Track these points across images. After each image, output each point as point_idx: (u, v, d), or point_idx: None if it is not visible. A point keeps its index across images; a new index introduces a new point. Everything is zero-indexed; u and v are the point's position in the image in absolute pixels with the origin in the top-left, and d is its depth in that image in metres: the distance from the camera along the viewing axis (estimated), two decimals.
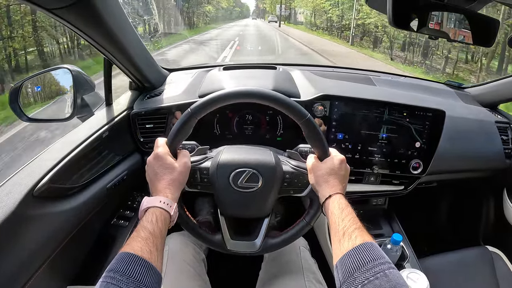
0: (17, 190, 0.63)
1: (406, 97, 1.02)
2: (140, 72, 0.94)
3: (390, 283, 0.45)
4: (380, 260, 0.48)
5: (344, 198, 0.61)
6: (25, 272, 0.63)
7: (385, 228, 1.10)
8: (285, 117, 0.96)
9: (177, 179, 0.62)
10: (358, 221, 0.57)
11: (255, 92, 0.64)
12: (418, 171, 0.95)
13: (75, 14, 0.62)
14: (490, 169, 1.15)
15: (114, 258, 0.48)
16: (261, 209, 0.70)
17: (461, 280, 1.00)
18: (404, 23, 0.73)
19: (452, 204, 1.50)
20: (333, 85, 1.04)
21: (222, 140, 0.98)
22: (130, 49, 0.82)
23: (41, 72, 0.93)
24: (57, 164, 0.70)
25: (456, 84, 1.38)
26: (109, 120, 0.88)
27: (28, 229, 0.63)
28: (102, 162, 0.85)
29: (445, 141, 0.96)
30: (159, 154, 0.62)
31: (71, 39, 7.04)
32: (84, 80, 0.90)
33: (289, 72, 1.08)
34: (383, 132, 0.92)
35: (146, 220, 0.54)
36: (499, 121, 1.15)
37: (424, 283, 0.78)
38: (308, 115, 0.64)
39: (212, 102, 0.63)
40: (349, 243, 0.52)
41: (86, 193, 0.78)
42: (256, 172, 0.67)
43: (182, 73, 1.18)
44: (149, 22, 2.00)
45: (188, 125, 0.64)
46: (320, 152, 0.67)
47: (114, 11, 0.71)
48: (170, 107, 0.93)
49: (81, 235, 0.78)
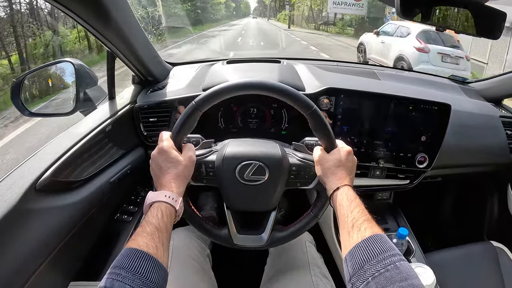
0: (19, 184, 0.62)
1: (411, 91, 1.02)
2: (143, 66, 0.93)
3: (401, 275, 0.44)
4: (390, 252, 0.48)
5: (352, 189, 0.61)
6: (28, 267, 0.62)
7: (391, 223, 1.10)
8: (290, 111, 0.96)
9: (182, 173, 0.61)
10: (367, 212, 0.56)
11: (260, 84, 0.63)
12: (423, 165, 0.95)
13: (80, 4, 0.61)
14: (495, 163, 1.14)
15: (119, 254, 0.47)
16: (268, 202, 0.69)
17: (466, 275, 1.00)
18: (412, 14, 0.73)
19: (457, 199, 1.50)
20: (338, 78, 1.04)
21: (227, 134, 0.98)
22: (134, 41, 0.81)
23: (43, 66, 0.92)
24: (59, 157, 0.69)
25: (461, 79, 1.37)
26: (112, 114, 0.87)
27: (31, 224, 0.62)
28: (105, 156, 0.84)
29: (450, 135, 0.95)
30: (164, 148, 0.61)
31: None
32: (86, 74, 0.89)
33: (293, 66, 1.07)
34: (388, 126, 0.91)
35: (151, 215, 0.53)
36: (504, 115, 1.15)
37: (430, 277, 0.78)
38: (314, 106, 0.63)
39: (217, 94, 0.62)
40: (358, 235, 0.51)
41: (89, 187, 0.77)
42: (263, 165, 0.66)
43: (185, 67, 1.17)
44: (153, 14, 1.99)
45: (193, 118, 0.63)
46: (326, 144, 0.66)
47: (119, 2, 0.70)
48: (174, 100, 0.92)
49: (84, 230, 0.77)
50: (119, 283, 0.43)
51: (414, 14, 0.74)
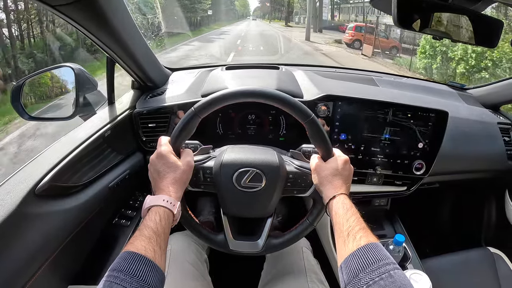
0: (18, 189, 0.62)
1: (409, 98, 1.02)
2: (143, 71, 0.93)
3: (395, 283, 0.45)
4: (385, 260, 0.48)
5: (348, 198, 0.61)
6: (27, 271, 0.63)
7: (388, 229, 1.10)
8: (288, 117, 0.97)
9: (180, 178, 0.61)
10: (362, 221, 0.56)
11: (259, 92, 0.64)
12: (420, 172, 0.95)
13: (79, 11, 0.61)
14: (492, 170, 1.14)
15: (117, 257, 0.48)
16: (264, 209, 0.70)
17: (463, 281, 1.00)
18: (409, 23, 0.73)
19: (454, 205, 1.50)
20: (336, 85, 1.04)
21: (225, 139, 0.98)
22: (134, 47, 0.82)
23: (44, 70, 0.93)
24: (59, 162, 0.70)
25: (459, 85, 1.38)
26: (111, 119, 0.88)
27: (30, 228, 0.63)
28: (104, 161, 0.85)
29: (448, 142, 0.96)
30: (162, 152, 0.62)
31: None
32: (86, 79, 0.89)
33: (291, 72, 1.08)
34: (386, 133, 0.92)
35: (149, 219, 0.54)
36: (502, 122, 1.15)
37: (426, 284, 0.78)
38: (312, 115, 0.64)
39: (216, 101, 0.63)
40: (353, 244, 0.52)
41: (88, 192, 0.78)
42: (260, 172, 0.66)
43: (184, 72, 1.18)
44: (152, 21, 1.98)
45: (192, 124, 0.63)
46: (324, 152, 0.67)
47: (118, 9, 0.70)
48: (173, 106, 0.93)
49: (82, 234, 0.77)
50: (117, 285, 0.43)
51: (411, 22, 0.75)
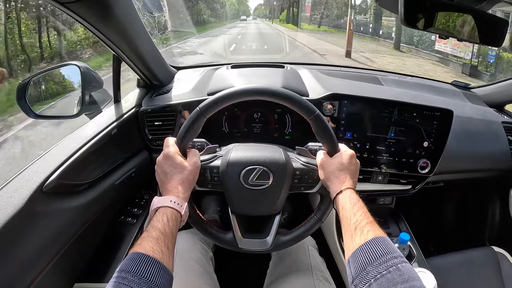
0: (26, 186, 0.63)
1: (414, 97, 1.02)
2: (149, 69, 0.93)
3: (403, 276, 0.45)
4: (392, 254, 0.48)
5: (355, 193, 0.61)
6: (33, 268, 0.63)
7: (392, 228, 1.10)
8: (294, 116, 0.97)
9: (187, 179, 0.61)
10: (369, 215, 0.57)
11: (264, 90, 0.64)
12: (425, 171, 0.95)
13: (86, 8, 0.61)
14: (496, 169, 1.14)
15: (125, 258, 0.48)
16: (272, 206, 0.70)
17: (467, 280, 1.00)
18: (416, 22, 0.74)
19: (458, 204, 1.50)
20: (341, 84, 1.04)
21: (231, 138, 0.98)
22: (140, 45, 0.82)
23: (49, 69, 0.93)
24: (66, 160, 0.70)
25: (463, 84, 1.37)
26: (117, 117, 0.88)
27: (37, 225, 0.63)
28: (110, 159, 0.85)
29: (453, 141, 0.96)
30: (169, 153, 0.62)
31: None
32: (92, 77, 0.89)
33: (297, 71, 1.08)
34: (391, 132, 0.92)
35: (157, 220, 0.54)
36: (506, 121, 1.15)
37: (432, 282, 0.78)
38: (317, 111, 0.64)
39: (221, 100, 0.63)
40: (361, 238, 0.52)
41: (95, 189, 0.78)
42: (267, 169, 0.66)
43: (190, 71, 1.18)
44: (159, 19, 1.98)
45: (197, 124, 0.64)
46: (329, 148, 0.67)
47: (125, 6, 0.71)
48: (179, 104, 0.93)
49: (89, 231, 0.78)
50: (125, 286, 0.43)
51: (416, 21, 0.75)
